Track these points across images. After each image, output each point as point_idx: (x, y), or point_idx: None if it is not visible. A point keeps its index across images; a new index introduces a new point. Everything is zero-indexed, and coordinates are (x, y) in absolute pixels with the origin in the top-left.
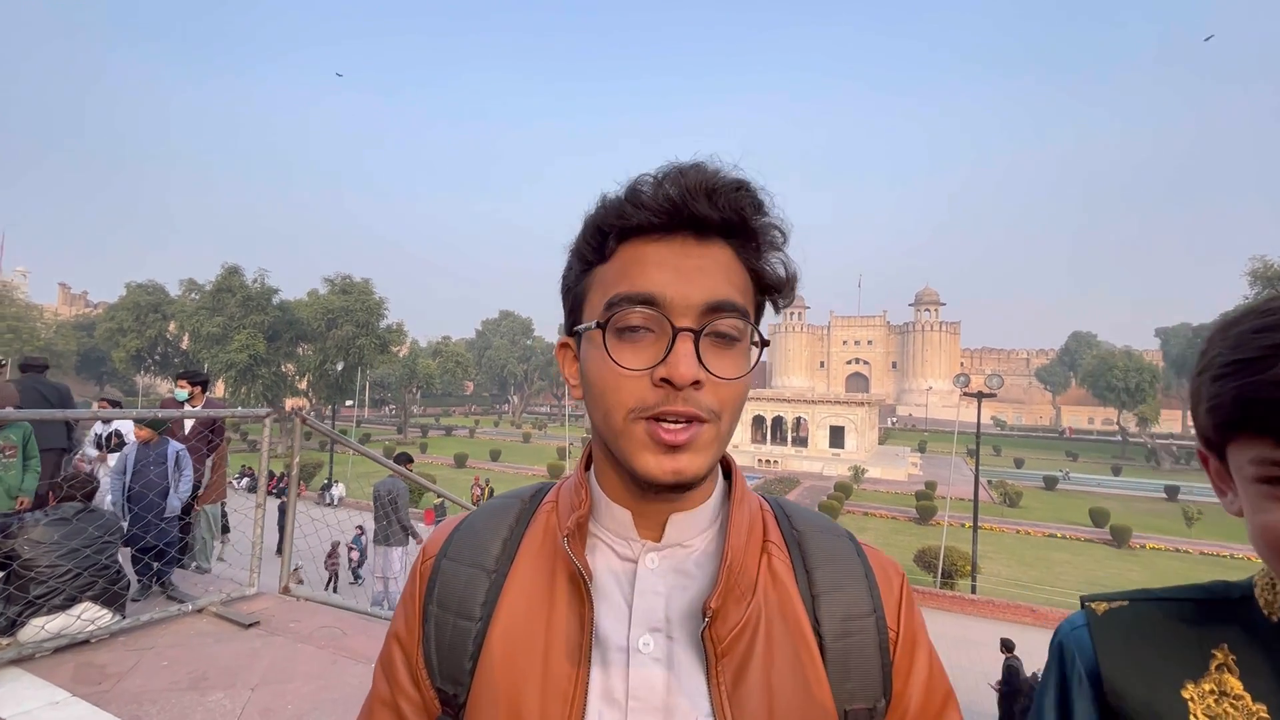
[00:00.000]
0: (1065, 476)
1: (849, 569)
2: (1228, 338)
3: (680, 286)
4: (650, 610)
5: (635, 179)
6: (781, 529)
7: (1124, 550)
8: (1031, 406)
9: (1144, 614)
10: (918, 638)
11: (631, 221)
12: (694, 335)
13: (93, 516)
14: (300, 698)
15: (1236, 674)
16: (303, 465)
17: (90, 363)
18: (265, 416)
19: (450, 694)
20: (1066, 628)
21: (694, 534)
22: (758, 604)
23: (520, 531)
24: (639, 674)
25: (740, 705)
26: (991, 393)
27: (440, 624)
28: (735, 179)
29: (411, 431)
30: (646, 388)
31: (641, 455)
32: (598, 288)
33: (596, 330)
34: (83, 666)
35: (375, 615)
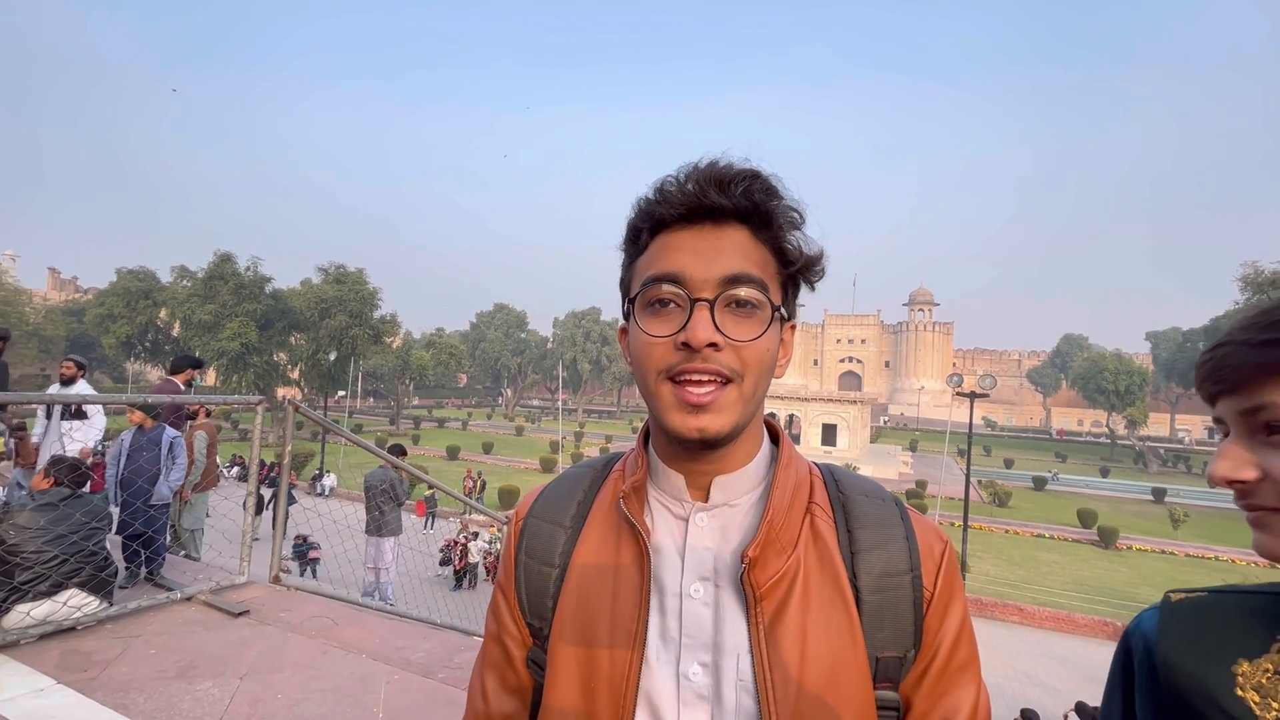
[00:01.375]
0: (1054, 477)
1: (891, 531)
2: None
3: (700, 265)
4: (700, 561)
5: (661, 180)
6: (829, 492)
7: (1111, 551)
8: (1022, 407)
9: (1218, 602)
10: (953, 602)
11: (658, 215)
12: (709, 304)
13: (80, 502)
14: (290, 687)
15: None
16: (294, 455)
17: (80, 348)
18: (257, 404)
19: (537, 627)
20: (1142, 614)
21: (738, 495)
22: (797, 558)
23: (593, 494)
24: (690, 615)
25: (775, 642)
26: (984, 393)
27: (528, 570)
28: (746, 170)
29: (404, 423)
30: (670, 351)
31: (669, 413)
32: (636, 276)
33: (633, 307)
34: (69, 654)
35: (366, 605)
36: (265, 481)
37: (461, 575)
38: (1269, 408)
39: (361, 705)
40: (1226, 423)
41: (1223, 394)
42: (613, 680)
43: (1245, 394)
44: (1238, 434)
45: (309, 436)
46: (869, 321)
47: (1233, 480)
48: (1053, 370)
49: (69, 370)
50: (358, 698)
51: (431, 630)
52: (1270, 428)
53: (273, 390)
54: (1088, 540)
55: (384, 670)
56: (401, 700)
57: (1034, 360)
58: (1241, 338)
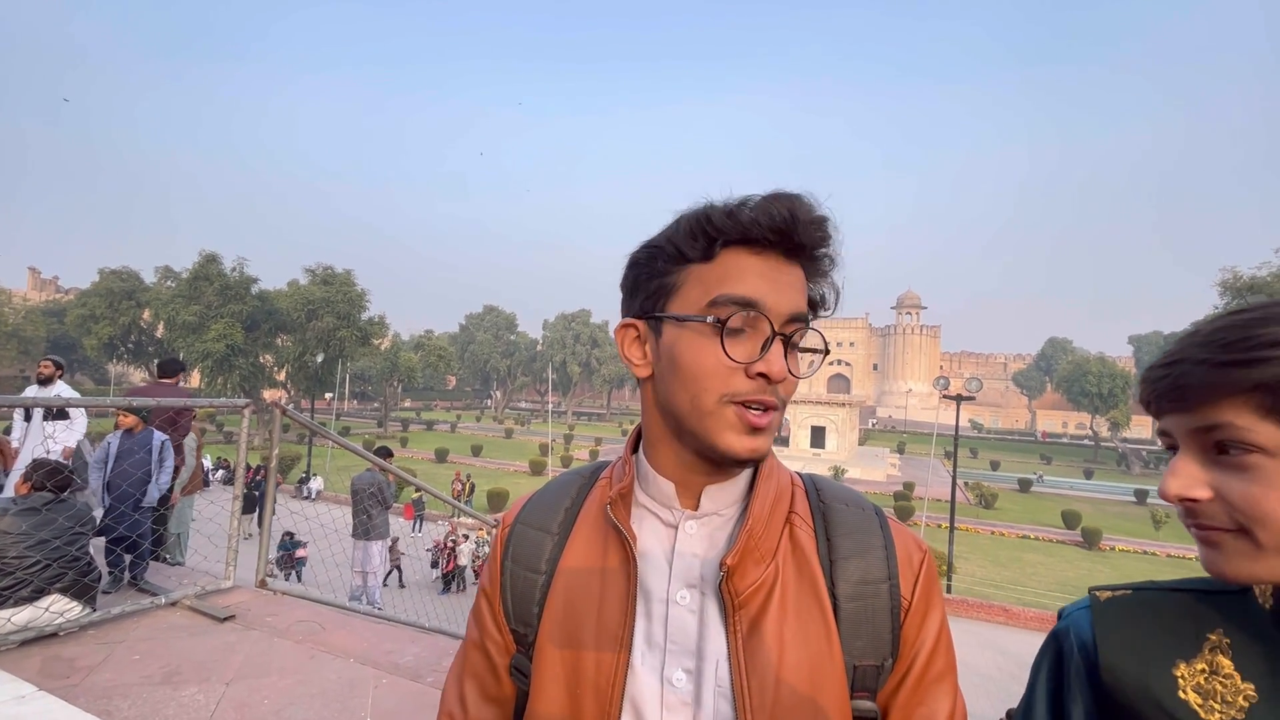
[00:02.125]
0: (1039, 479)
1: (869, 539)
2: None
3: (774, 296)
4: (687, 569)
5: (744, 196)
6: (810, 501)
7: (1094, 552)
8: (1008, 410)
9: (1146, 600)
10: (930, 611)
11: (747, 233)
12: (785, 339)
13: (63, 507)
14: (277, 692)
15: (1229, 655)
16: (281, 458)
17: (60, 349)
18: (244, 407)
19: (522, 634)
20: (1068, 611)
21: (726, 504)
22: (776, 567)
23: (580, 501)
24: (675, 622)
25: (752, 650)
26: (970, 396)
27: (514, 576)
28: (823, 214)
29: (392, 425)
30: (742, 378)
31: (726, 434)
32: (696, 284)
33: (709, 325)
34: (50, 660)
35: (354, 610)
36: (250, 485)
37: (450, 578)
38: (1224, 428)
39: (349, 709)
40: (1174, 437)
41: (1175, 410)
42: (598, 685)
43: (1200, 413)
44: (1189, 451)
45: (295, 439)
46: (857, 324)
47: (1184, 498)
48: (1038, 373)
49: (46, 370)
50: (345, 702)
51: (420, 634)
52: (1222, 447)
53: (258, 392)
54: (1072, 541)
55: (372, 674)
56: (390, 704)
57: (1019, 363)
58: (1199, 356)
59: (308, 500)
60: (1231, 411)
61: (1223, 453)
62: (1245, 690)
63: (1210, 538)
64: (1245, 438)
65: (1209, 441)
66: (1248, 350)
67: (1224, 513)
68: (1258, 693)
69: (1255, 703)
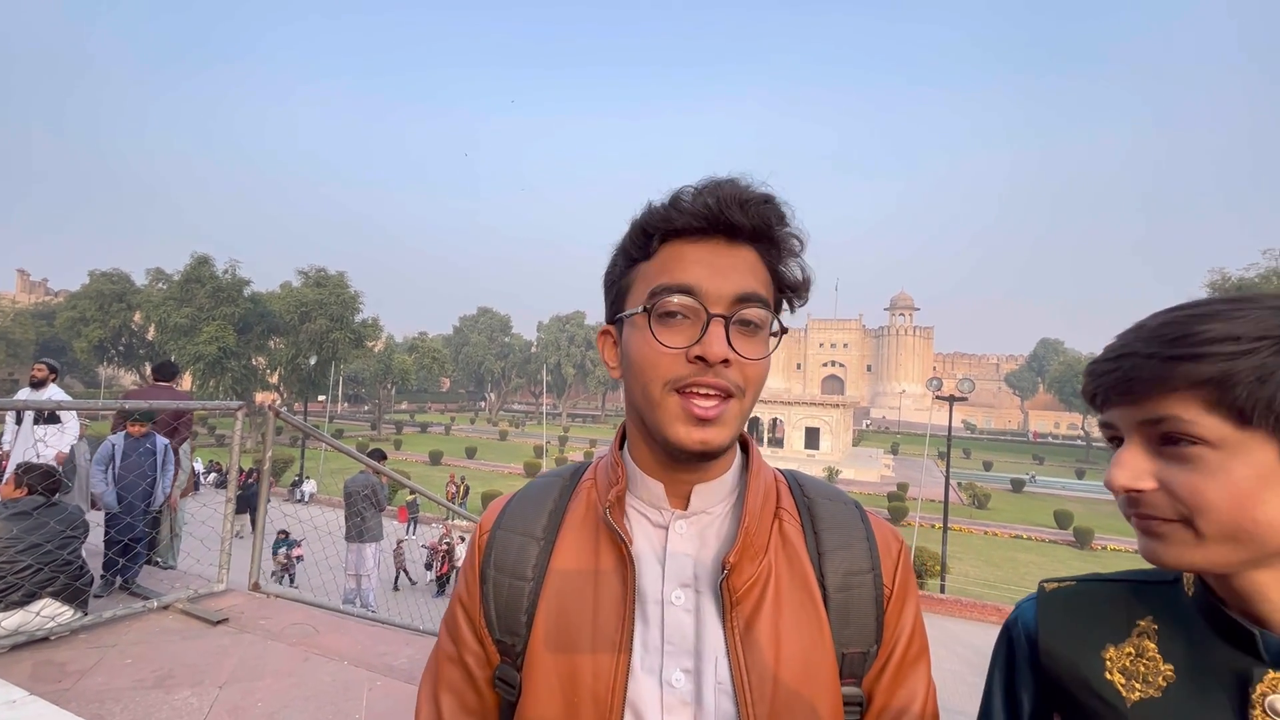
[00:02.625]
0: (1032, 479)
1: (853, 532)
2: None
3: (714, 279)
4: (680, 569)
5: (678, 189)
6: (794, 497)
7: (1086, 551)
8: (1001, 411)
9: (1086, 590)
10: (908, 597)
11: (674, 224)
12: (725, 320)
13: (54, 511)
14: (271, 695)
15: (1154, 639)
16: (274, 461)
17: (50, 353)
18: (237, 410)
19: (509, 644)
20: (1020, 604)
21: (715, 502)
22: (768, 562)
23: (564, 504)
24: (672, 623)
25: (750, 645)
26: (963, 397)
27: (498, 585)
28: (764, 193)
29: (386, 428)
30: (682, 363)
31: (674, 425)
32: (641, 280)
33: (641, 315)
34: (42, 664)
35: (347, 612)
36: (243, 488)
37: (445, 581)
38: (1171, 420)
39: (343, 712)
40: (1118, 429)
41: (1122, 403)
42: (596, 692)
43: (1147, 406)
44: (1134, 443)
45: (288, 442)
46: (851, 325)
47: (1130, 489)
48: (1030, 374)
49: (40, 373)
50: (339, 705)
51: (414, 636)
52: (1168, 439)
53: (251, 395)
54: (1064, 541)
55: (366, 677)
56: (384, 706)
57: (1012, 364)
58: (1147, 350)
59: (301, 503)
60: (1179, 405)
61: (1168, 444)
62: (1165, 671)
63: (1152, 528)
64: (1191, 430)
65: (1155, 434)
66: (1194, 345)
67: (1168, 503)
68: (1175, 673)
69: (1173, 682)
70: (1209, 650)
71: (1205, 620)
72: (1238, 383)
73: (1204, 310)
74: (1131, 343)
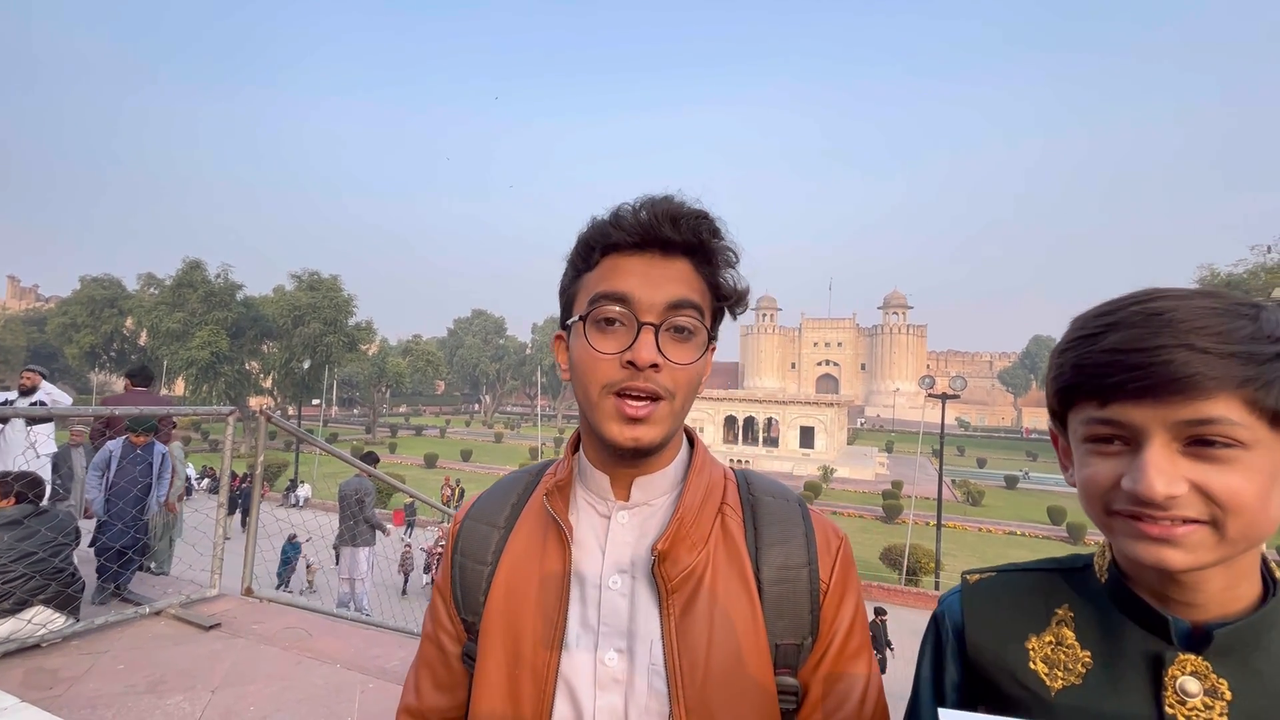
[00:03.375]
0: (1025, 476)
1: (791, 528)
2: (1075, 322)
3: (647, 289)
4: (619, 556)
5: (619, 206)
6: (740, 494)
7: (1079, 546)
8: (994, 408)
9: (1006, 581)
10: (847, 593)
11: (612, 239)
12: (655, 328)
13: (45, 518)
14: (263, 699)
15: (1072, 627)
16: (267, 465)
17: (41, 359)
18: (228, 415)
19: (470, 622)
20: (945, 597)
21: (656, 495)
22: (707, 553)
23: (526, 497)
24: (608, 605)
25: (684, 631)
26: (955, 394)
27: (463, 569)
28: (696, 210)
29: (380, 431)
30: (616, 368)
31: (609, 424)
32: (584, 290)
33: (580, 322)
34: (33, 671)
35: (341, 616)
36: (235, 493)
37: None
38: (1217, 422)
39: (336, 715)
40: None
41: (1148, 401)
42: (535, 667)
43: (1192, 406)
44: (1161, 444)
45: (282, 446)
46: (845, 325)
47: (1171, 496)
48: (1023, 371)
49: (30, 381)
50: (332, 707)
51: (407, 639)
52: (1199, 440)
53: (245, 400)
54: (1057, 537)
55: (359, 679)
56: (376, 708)
57: (1005, 361)
58: (1201, 345)
59: (296, 508)
60: (1225, 406)
61: (1196, 445)
62: (1084, 658)
63: (1171, 533)
64: (1233, 433)
65: (1184, 435)
66: (1243, 343)
67: (1199, 505)
68: (1093, 659)
69: (1091, 669)
70: (1123, 636)
71: (1118, 606)
72: (1276, 384)
73: (1247, 309)
74: (1175, 331)
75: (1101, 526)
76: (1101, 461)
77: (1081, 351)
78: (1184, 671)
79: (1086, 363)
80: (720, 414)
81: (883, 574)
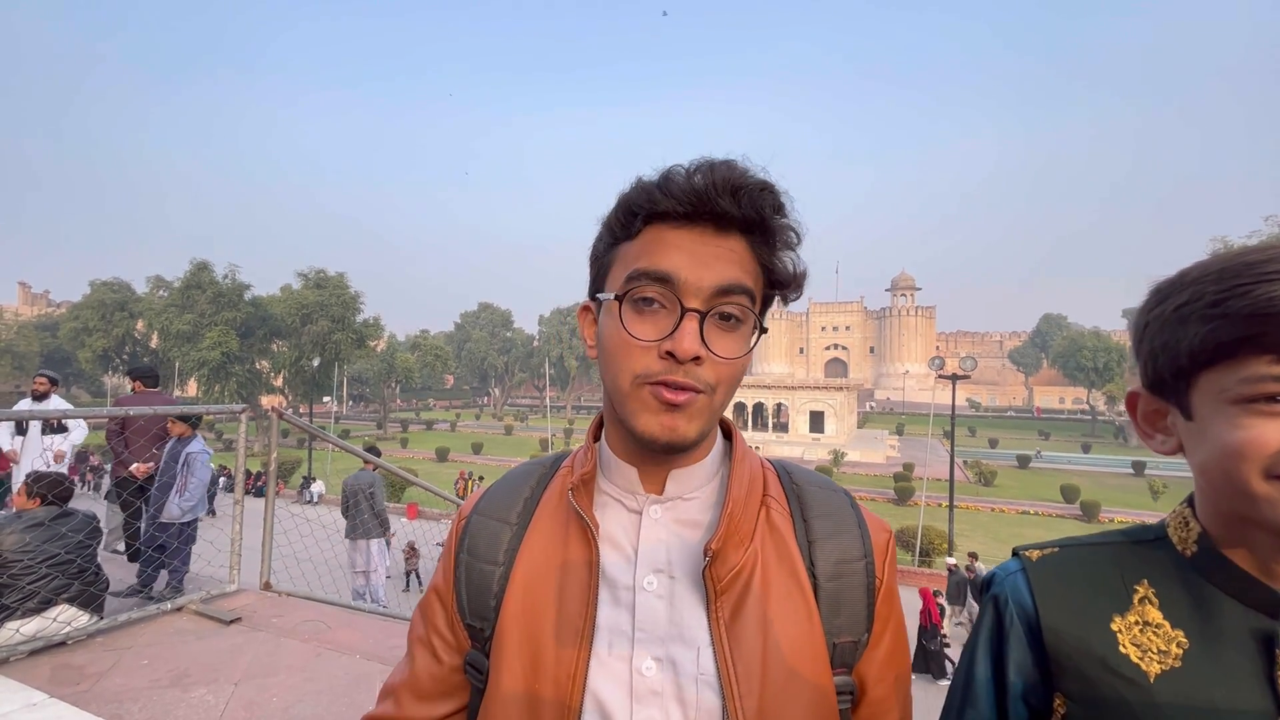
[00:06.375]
0: (1037, 455)
1: (844, 520)
2: (1219, 274)
3: (695, 269)
4: (653, 554)
5: (669, 167)
6: (783, 484)
7: (1094, 524)
8: (1005, 388)
9: (1073, 557)
10: (894, 589)
11: (659, 207)
12: (700, 315)
13: (69, 519)
14: (285, 690)
15: (1157, 605)
16: (281, 463)
17: (54, 363)
18: (240, 413)
19: (478, 628)
20: (1001, 575)
21: (693, 488)
22: (754, 549)
23: (540, 491)
24: (644, 609)
25: (737, 636)
26: (966, 375)
27: (470, 569)
28: (761, 180)
29: (391, 426)
30: (653, 357)
31: (643, 415)
32: (620, 261)
33: (614, 301)
34: (60, 668)
35: (358, 608)
36: (250, 491)
37: None
38: None
39: (356, 705)
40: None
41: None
42: (558, 679)
43: None
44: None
45: (295, 444)
46: (853, 308)
47: None
48: (1033, 350)
49: (41, 386)
50: (352, 697)
51: None
52: None
53: (256, 398)
54: (1071, 515)
55: (379, 670)
56: None
57: (1015, 341)
58: None
59: (310, 504)
60: None
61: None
62: (1177, 637)
63: None
64: None
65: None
66: None
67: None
68: (1189, 638)
69: (1188, 649)
70: (1220, 613)
71: (1211, 581)
72: None
73: None
74: None
75: (1255, 496)
76: (1267, 423)
77: (1250, 301)
78: None
79: (1263, 311)
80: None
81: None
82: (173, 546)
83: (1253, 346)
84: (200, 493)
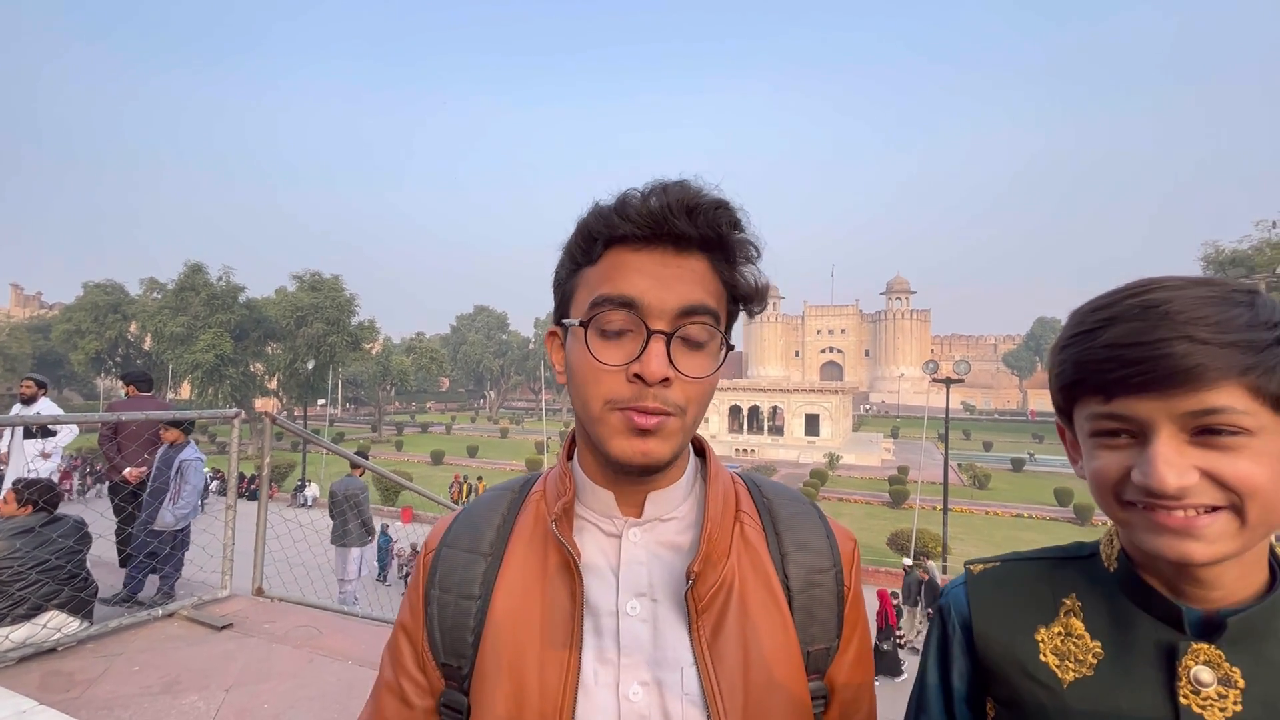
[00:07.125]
0: (1031, 458)
1: (813, 532)
2: (1073, 318)
3: (657, 292)
4: (635, 578)
5: (625, 191)
6: (754, 499)
7: (1087, 527)
8: (999, 391)
9: (1011, 571)
10: (861, 595)
11: (618, 231)
12: (666, 337)
13: (58, 525)
14: (277, 697)
15: (1080, 617)
16: (274, 466)
17: (47, 366)
18: (233, 417)
19: (455, 666)
20: (949, 587)
21: (670, 509)
22: (731, 566)
23: (512, 518)
24: (628, 634)
25: (719, 653)
26: (960, 378)
27: (443, 605)
28: (715, 198)
29: (386, 429)
30: (622, 382)
31: (615, 440)
32: (584, 287)
33: (580, 327)
34: (50, 675)
35: (351, 613)
36: (245, 494)
37: None
38: (1222, 412)
39: (348, 711)
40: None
41: (1154, 393)
42: (544, 711)
43: (1197, 397)
44: (1170, 436)
45: (289, 447)
46: (848, 312)
47: (1184, 487)
48: (1028, 353)
49: (28, 389)
50: (344, 703)
51: None
52: (1205, 430)
53: (251, 401)
54: (1065, 518)
55: (371, 675)
56: None
57: (1009, 344)
58: (1201, 336)
59: (304, 507)
60: (1229, 395)
61: (1203, 434)
62: (1094, 648)
63: (1193, 525)
64: (1239, 421)
65: (1190, 425)
66: (1241, 332)
67: (1214, 492)
68: (1104, 650)
69: (1102, 659)
70: (1133, 625)
71: (1128, 595)
72: (1276, 370)
73: (1243, 296)
74: (1173, 323)
75: (1116, 520)
76: (1110, 455)
77: (1081, 348)
78: (1197, 661)
79: (1087, 359)
80: (725, 404)
81: (890, 559)
82: (165, 553)
83: (1085, 388)
84: (194, 500)
